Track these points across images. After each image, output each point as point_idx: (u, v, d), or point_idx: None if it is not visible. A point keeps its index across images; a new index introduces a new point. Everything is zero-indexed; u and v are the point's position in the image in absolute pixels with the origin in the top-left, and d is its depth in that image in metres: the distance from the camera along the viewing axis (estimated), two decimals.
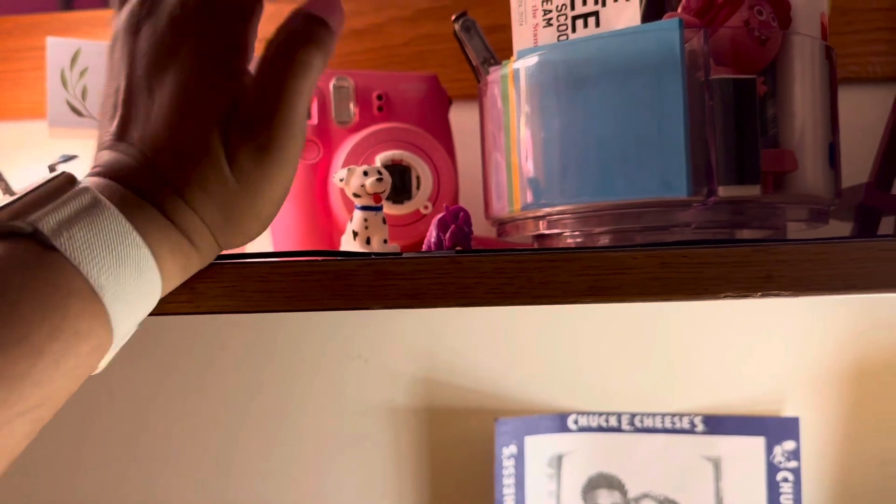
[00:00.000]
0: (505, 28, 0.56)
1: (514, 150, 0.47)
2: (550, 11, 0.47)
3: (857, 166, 0.58)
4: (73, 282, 0.28)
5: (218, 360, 0.73)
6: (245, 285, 0.36)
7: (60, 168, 0.51)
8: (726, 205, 0.44)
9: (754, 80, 0.43)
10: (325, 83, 0.57)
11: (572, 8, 0.46)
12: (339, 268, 0.35)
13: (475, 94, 0.56)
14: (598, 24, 0.45)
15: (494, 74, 0.49)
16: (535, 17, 0.48)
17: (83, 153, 0.58)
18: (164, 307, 0.35)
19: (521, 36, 0.48)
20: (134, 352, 0.70)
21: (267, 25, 0.38)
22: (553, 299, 0.35)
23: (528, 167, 0.46)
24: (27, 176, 0.51)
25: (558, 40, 0.47)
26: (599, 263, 0.35)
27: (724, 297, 0.35)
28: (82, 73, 0.56)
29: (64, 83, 0.56)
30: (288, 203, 0.54)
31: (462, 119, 0.64)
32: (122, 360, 0.66)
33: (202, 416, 0.73)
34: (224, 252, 0.36)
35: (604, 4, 0.45)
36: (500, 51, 0.61)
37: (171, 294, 0.35)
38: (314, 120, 0.56)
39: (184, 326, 0.72)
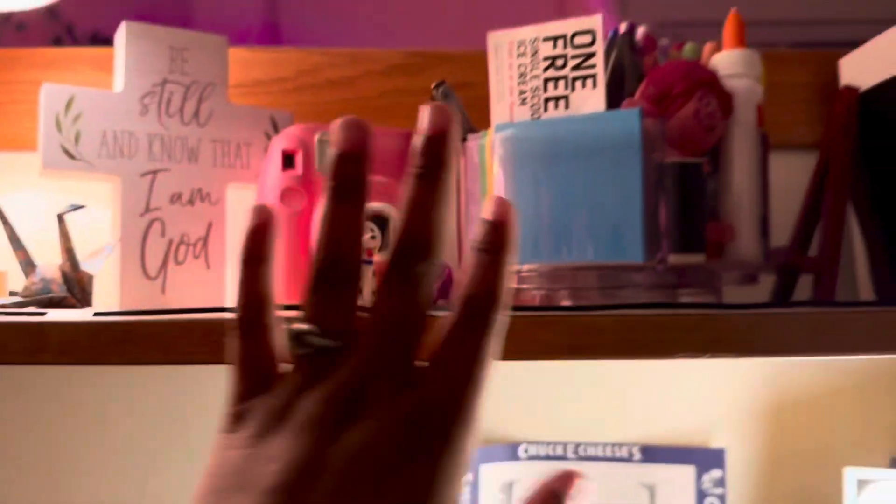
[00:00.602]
0: (472, 85, 0.62)
1: None
2: (525, 92, 0.53)
3: (783, 227, 0.66)
4: None
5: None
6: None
7: (68, 217, 0.54)
8: (673, 270, 0.50)
9: (701, 163, 0.50)
10: (310, 136, 0.61)
11: (545, 91, 0.52)
12: None
13: None
14: (567, 107, 0.52)
15: (473, 142, 0.54)
16: (511, 95, 0.53)
17: (74, 197, 0.60)
18: (184, 357, 0.39)
19: (499, 111, 0.54)
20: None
21: None
22: (535, 356, 0.40)
23: None
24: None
25: (531, 118, 0.53)
26: (577, 324, 0.41)
27: (678, 357, 0.41)
28: (76, 119, 0.59)
29: (58, 127, 0.58)
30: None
31: None
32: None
33: (135, 440, 0.75)
34: None
35: (573, 90, 0.51)
36: (468, 107, 0.66)
37: (191, 345, 0.39)
38: (299, 171, 0.60)
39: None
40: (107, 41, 0.97)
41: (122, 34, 0.61)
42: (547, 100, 0.52)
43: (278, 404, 0.26)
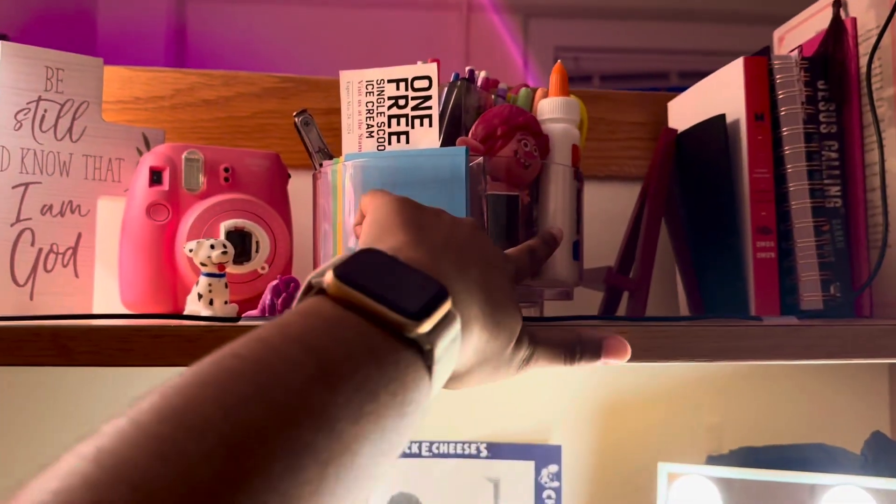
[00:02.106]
0: (337, 112, 0.67)
1: (339, 228, 0.59)
2: (372, 126, 0.59)
3: (613, 249, 0.75)
4: (426, 388, 0.32)
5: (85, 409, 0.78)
6: (107, 343, 0.44)
7: None
8: None
9: (517, 196, 0.57)
10: (177, 154, 0.65)
11: (389, 126, 0.59)
12: (188, 332, 0.45)
13: (310, 166, 0.67)
14: (407, 142, 0.58)
15: (327, 167, 0.60)
16: (360, 128, 0.60)
17: None
18: (33, 360, 0.44)
19: (349, 142, 0.60)
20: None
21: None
22: None
23: (350, 244, 0.58)
24: None
25: (377, 150, 0.59)
26: None
27: None
28: None
29: None
30: (137, 259, 0.63)
31: (299, 186, 0.74)
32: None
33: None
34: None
35: (412, 126, 0.58)
36: (334, 129, 0.72)
37: (42, 350, 0.44)
38: (165, 186, 0.64)
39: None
40: (3, 37, 0.98)
41: None
42: (391, 134, 0.59)
43: (430, 206, 0.43)
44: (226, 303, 0.55)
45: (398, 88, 0.59)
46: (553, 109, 0.61)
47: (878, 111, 0.65)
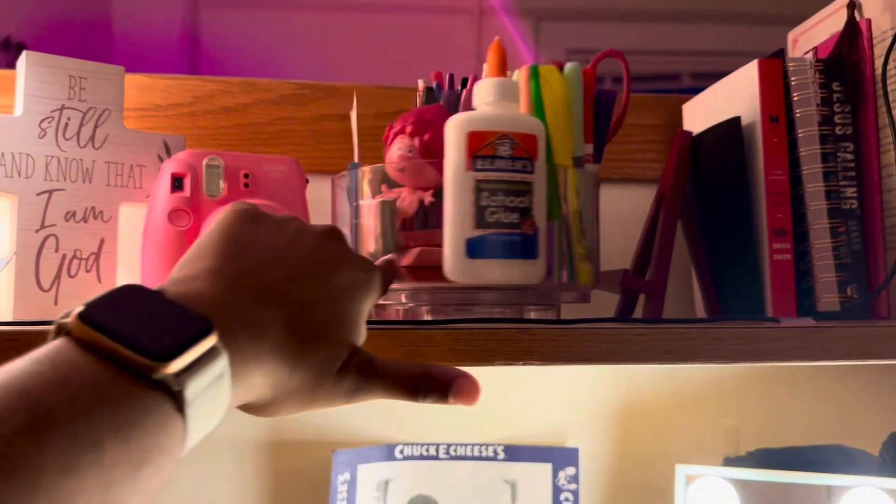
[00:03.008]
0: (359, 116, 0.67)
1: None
2: None
3: (629, 251, 0.75)
4: (176, 431, 0.30)
5: None
6: None
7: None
8: (516, 290, 0.58)
9: (389, 201, 0.57)
10: (198, 161, 0.66)
11: None
12: None
13: (328, 171, 0.68)
14: None
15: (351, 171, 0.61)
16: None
17: None
18: None
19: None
20: None
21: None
22: None
23: (370, 249, 0.59)
24: None
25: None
26: (412, 337, 0.47)
27: (497, 364, 0.48)
28: None
29: None
30: (159, 264, 0.64)
31: (317, 191, 0.75)
32: None
33: None
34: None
35: None
36: (347, 135, 0.72)
37: None
38: (186, 193, 0.65)
39: None
40: (20, 46, 1.00)
41: (22, 62, 0.65)
42: None
43: (284, 216, 0.42)
44: None
45: None
46: (485, 93, 0.56)
47: (893, 113, 0.65)
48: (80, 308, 0.30)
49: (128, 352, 0.29)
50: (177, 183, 0.65)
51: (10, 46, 1.03)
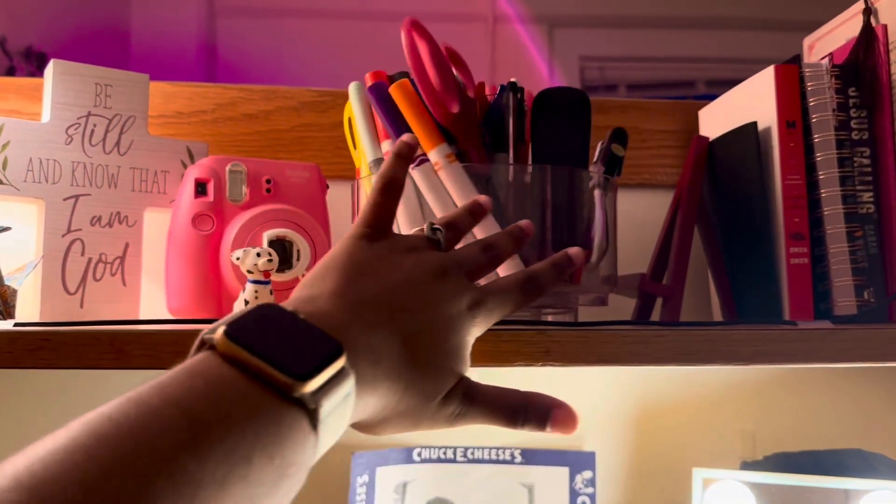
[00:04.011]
0: None
1: None
2: None
3: (645, 256, 0.75)
4: (310, 447, 0.31)
5: None
6: (162, 347, 0.46)
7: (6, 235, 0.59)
8: None
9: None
10: (221, 166, 0.67)
11: None
12: None
13: (348, 176, 0.69)
14: None
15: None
16: None
17: (1, 218, 0.65)
18: (93, 363, 0.46)
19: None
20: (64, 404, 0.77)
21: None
22: None
23: None
24: None
25: None
26: None
27: (517, 365, 0.49)
28: (4, 146, 0.65)
29: None
30: (183, 268, 0.65)
31: (337, 196, 0.76)
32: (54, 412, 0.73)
33: None
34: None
35: None
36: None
37: (101, 354, 0.45)
38: (210, 198, 0.67)
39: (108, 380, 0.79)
40: (41, 56, 1.01)
41: (50, 70, 0.67)
42: None
43: (406, 243, 0.44)
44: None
45: None
46: None
47: None
48: (223, 325, 0.31)
49: (272, 370, 0.30)
50: (200, 188, 0.67)
51: (31, 56, 1.04)
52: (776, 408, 0.86)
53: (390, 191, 0.46)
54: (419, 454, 0.81)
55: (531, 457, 0.81)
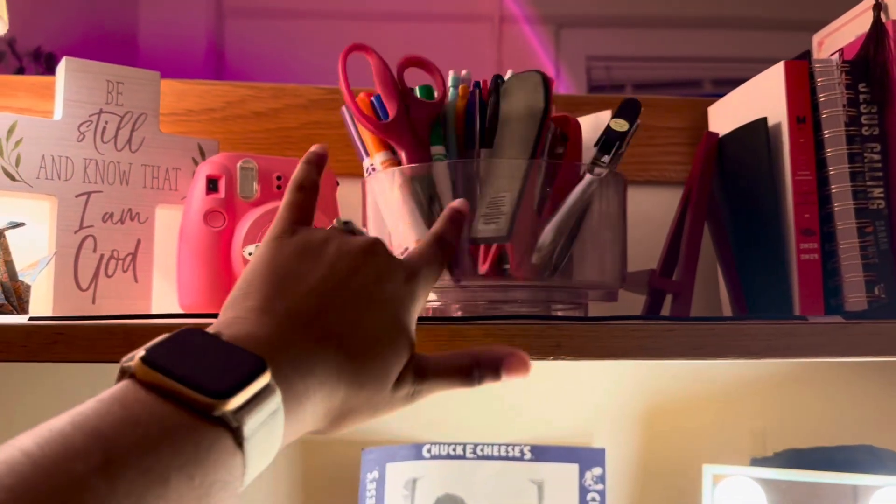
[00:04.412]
0: None
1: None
2: None
3: (654, 252, 0.75)
4: (236, 467, 0.31)
5: None
6: None
7: (8, 233, 0.60)
8: (544, 288, 0.59)
9: None
10: (232, 163, 0.68)
11: None
12: None
13: (357, 173, 0.69)
14: None
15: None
16: None
17: (14, 214, 0.66)
18: (107, 357, 0.46)
19: None
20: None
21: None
22: None
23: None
24: None
25: None
26: (446, 332, 0.48)
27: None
28: (17, 144, 0.65)
29: (0, 151, 0.64)
30: (194, 264, 0.65)
31: (346, 193, 0.76)
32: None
33: None
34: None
35: None
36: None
37: (114, 347, 0.46)
38: (221, 194, 0.67)
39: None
40: (49, 57, 1.02)
41: (62, 68, 0.67)
42: None
43: (322, 233, 0.43)
44: None
45: None
46: None
47: None
48: (141, 353, 0.31)
49: (189, 391, 0.30)
50: (212, 185, 0.67)
51: (40, 57, 1.05)
52: (786, 404, 0.86)
53: (304, 190, 0.46)
54: (429, 451, 0.81)
55: (541, 453, 0.81)
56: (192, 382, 0.30)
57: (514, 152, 0.59)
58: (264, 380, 0.32)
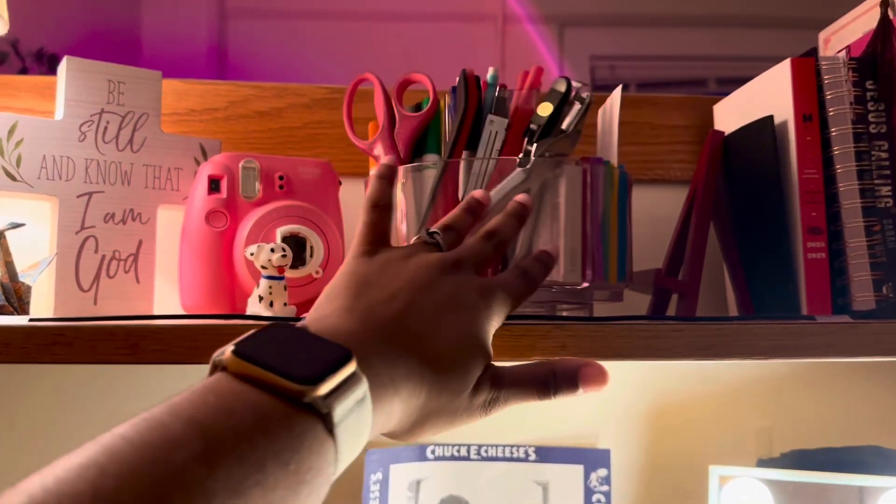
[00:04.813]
0: None
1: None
2: None
3: (660, 252, 0.75)
4: (328, 453, 0.32)
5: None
6: (176, 342, 0.46)
7: (9, 234, 0.59)
8: (548, 288, 0.58)
9: None
10: (234, 163, 0.67)
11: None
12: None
13: (360, 172, 0.69)
14: None
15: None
16: None
17: (15, 215, 0.66)
18: (107, 358, 0.46)
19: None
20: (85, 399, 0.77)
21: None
22: None
23: None
24: None
25: None
26: None
27: (533, 359, 0.48)
28: (18, 144, 0.65)
29: (1, 152, 0.64)
30: (196, 265, 0.65)
31: (349, 193, 0.76)
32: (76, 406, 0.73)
33: None
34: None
35: None
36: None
37: (115, 349, 0.45)
38: (223, 194, 0.66)
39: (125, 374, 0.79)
40: (52, 57, 1.02)
41: (63, 68, 0.67)
42: None
43: (405, 251, 0.45)
44: (285, 304, 0.57)
45: None
46: None
47: None
48: (231, 346, 0.32)
49: (280, 379, 0.31)
50: (213, 185, 0.67)
51: (43, 57, 1.05)
52: (793, 404, 0.85)
53: (379, 209, 0.48)
54: (433, 452, 0.80)
55: (546, 454, 0.81)
56: (282, 371, 0.31)
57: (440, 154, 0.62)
58: (350, 367, 0.33)
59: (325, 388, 0.32)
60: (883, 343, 0.51)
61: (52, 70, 0.66)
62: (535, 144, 0.56)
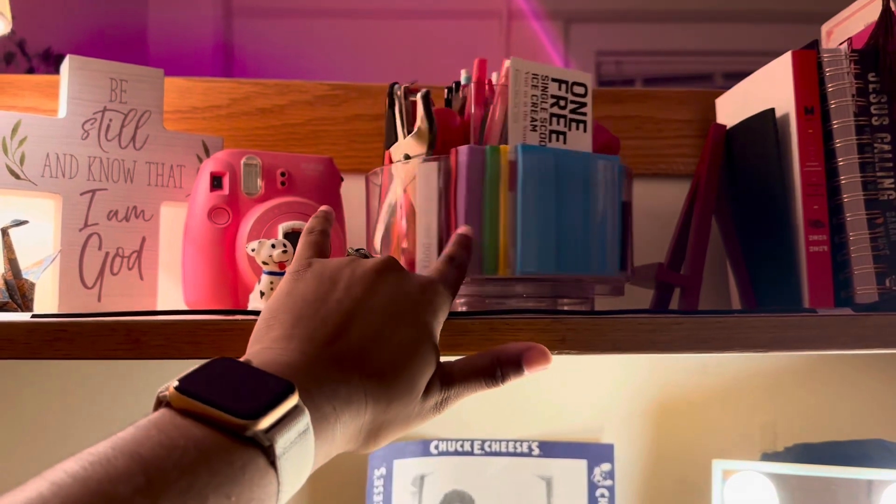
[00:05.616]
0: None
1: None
2: (536, 121, 0.60)
3: (662, 246, 0.75)
4: (270, 485, 0.32)
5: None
6: (178, 337, 0.46)
7: (12, 231, 0.60)
8: (549, 281, 0.58)
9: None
10: (236, 160, 0.68)
11: (550, 124, 0.60)
12: (252, 326, 0.46)
13: (362, 169, 0.69)
14: (565, 142, 0.59)
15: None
16: (524, 119, 0.60)
17: (20, 213, 0.66)
18: (109, 354, 0.46)
19: (515, 131, 0.59)
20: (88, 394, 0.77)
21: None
22: None
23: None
24: None
25: (540, 144, 0.59)
26: (448, 327, 0.48)
27: None
28: (22, 142, 0.65)
29: (5, 150, 0.65)
30: (199, 261, 0.65)
31: (351, 189, 0.76)
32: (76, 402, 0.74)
33: None
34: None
35: (569, 129, 0.60)
36: (380, 135, 0.73)
37: (117, 344, 0.46)
38: (225, 191, 0.67)
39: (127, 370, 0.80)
40: (59, 58, 1.02)
41: (66, 66, 0.67)
42: (551, 132, 0.60)
43: (336, 261, 0.45)
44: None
45: (559, 89, 0.60)
46: None
47: None
48: (175, 382, 0.33)
49: (221, 414, 0.32)
50: (216, 182, 0.67)
51: (49, 58, 1.05)
52: (797, 398, 0.85)
53: (311, 234, 0.49)
54: (436, 447, 0.81)
55: (549, 449, 0.81)
56: (224, 406, 0.32)
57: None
58: (292, 401, 0.34)
59: (266, 422, 0.32)
60: (885, 336, 0.51)
61: (58, 70, 0.67)
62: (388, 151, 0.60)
